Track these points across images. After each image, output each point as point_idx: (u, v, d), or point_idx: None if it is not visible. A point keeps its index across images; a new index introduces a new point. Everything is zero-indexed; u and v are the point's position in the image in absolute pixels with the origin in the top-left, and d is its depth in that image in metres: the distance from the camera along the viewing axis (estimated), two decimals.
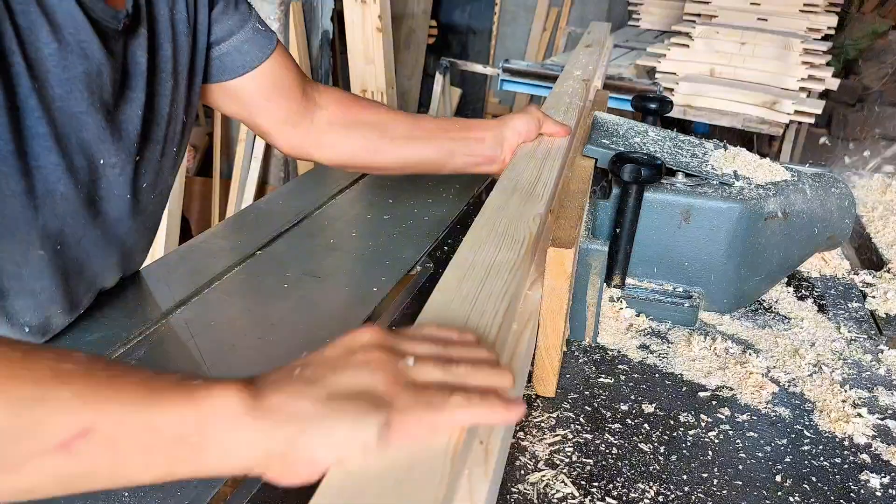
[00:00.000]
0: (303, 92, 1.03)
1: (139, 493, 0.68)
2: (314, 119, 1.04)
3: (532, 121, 1.01)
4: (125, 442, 0.40)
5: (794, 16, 3.17)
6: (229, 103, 1.00)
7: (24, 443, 0.38)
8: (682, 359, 0.93)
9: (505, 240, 0.70)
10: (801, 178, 1.08)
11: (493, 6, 5.56)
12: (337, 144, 1.05)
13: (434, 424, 0.43)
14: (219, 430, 0.41)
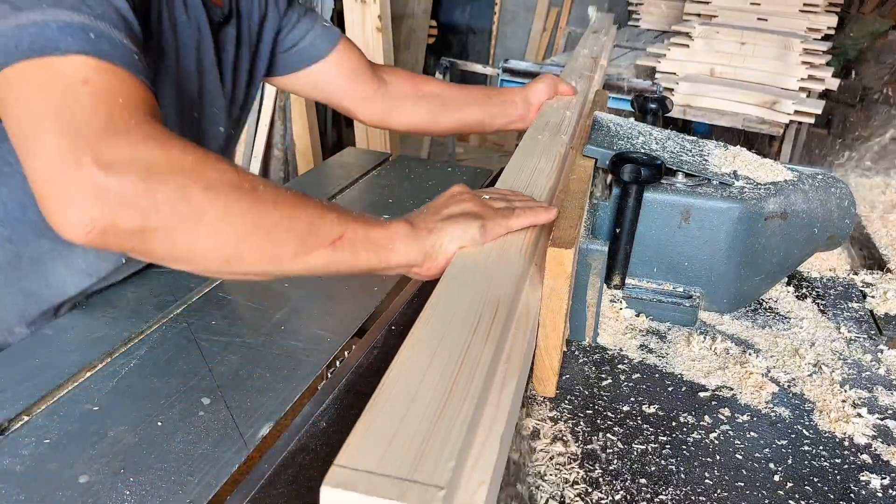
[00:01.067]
0: (373, 74, 1.27)
1: (141, 491, 0.68)
2: (386, 93, 1.28)
3: (550, 83, 1.29)
4: (359, 244, 0.69)
5: (794, 16, 3.17)
6: (313, 89, 1.24)
7: (314, 238, 0.66)
8: (682, 359, 0.93)
9: (543, 154, 1.00)
10: (802, 178, 1.08)
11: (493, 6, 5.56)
12: (407, 114, 1.30)
13: (508, 226, 0.76)
14: (400, 241, 0.71)
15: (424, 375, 0.49)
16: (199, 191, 0.60)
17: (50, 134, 0.59)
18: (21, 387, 0.83)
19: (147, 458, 0.73)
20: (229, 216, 0.62)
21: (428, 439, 0.43)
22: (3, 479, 0.69)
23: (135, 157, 0.59)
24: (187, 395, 0.83)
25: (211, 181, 0.61)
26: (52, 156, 0.58)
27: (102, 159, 0.57)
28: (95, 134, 0.59)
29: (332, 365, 0.91)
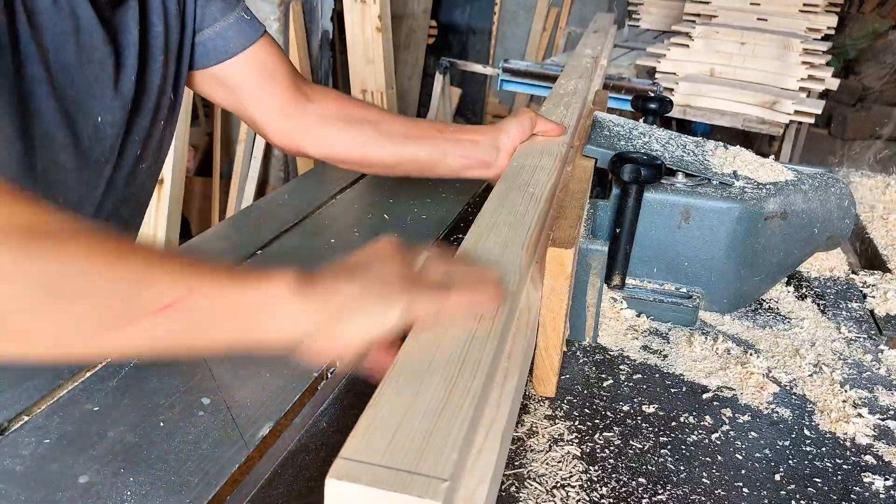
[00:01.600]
0: (294, 85, 1.05)
1: (141, 491, 0.68)
2: (306, 112, 1.05)
3: (525, 122, 1.01)
4: (209, 310, 0.49)
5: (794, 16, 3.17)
6: (219, 91, 1.02)
7: (135, 303, 0.46)
8: (683, 359, 0.93)
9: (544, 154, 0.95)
10: (801, 178, 1.08)
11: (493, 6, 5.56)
12: (329, 138, 1.05)
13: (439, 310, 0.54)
14: (275, 306, 0.50)
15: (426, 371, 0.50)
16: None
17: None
18: (21, 387, 0.83)
19: (147, 458, 0.73)
20: (2, 272, 0.44)
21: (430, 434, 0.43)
22: (3, 479, 0.69)
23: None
24: (187, 395, 0.82)
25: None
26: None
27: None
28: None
29: (332, 365, 0.91)
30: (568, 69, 1.46)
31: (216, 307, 0.49)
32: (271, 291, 0.51)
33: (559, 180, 0.94)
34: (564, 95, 1.23)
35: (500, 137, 1.01)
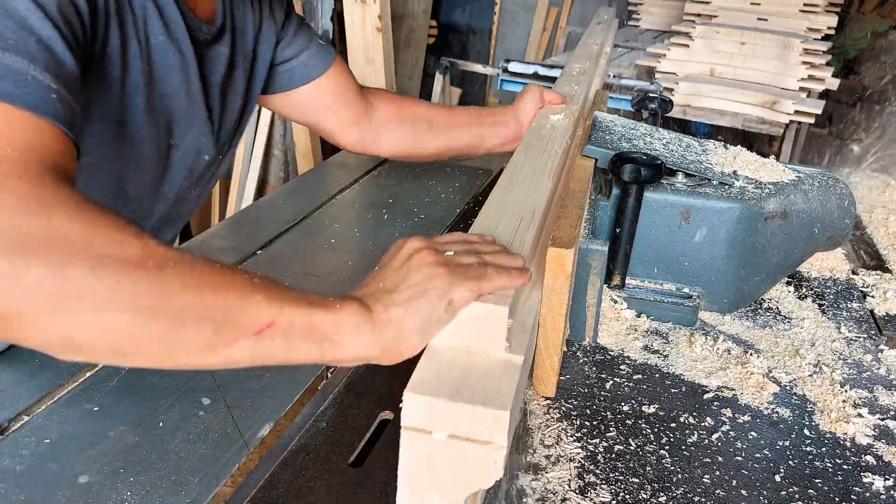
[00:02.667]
0: (361, 96, 1.21)
1: (141, 491, 0.68)
2: (372, 119, 1.22)
3: (536, 96, 1.20)
4: (293, 332, 0.56)
5: (794, 16, 3.17)
6: (299, 111, 1.17)
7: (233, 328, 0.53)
8: (683, 359, 0.93)
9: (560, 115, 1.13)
10: (802, 178, 1.08)
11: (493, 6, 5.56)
12: (393, 139, 1.23)
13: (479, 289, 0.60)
14: (350, 331, 0.58)
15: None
16: (80, 270, 0.49)
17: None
18: (21, 387, 0.83)
19: (147, 458, 0.73)
20: (118, 302, 0.49)
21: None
22: (4, 478, 0.69)
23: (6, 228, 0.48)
24: (187, 395, 0.82)
25: (101, 258, 0.50)
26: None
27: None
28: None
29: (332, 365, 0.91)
30: (576, 54, 1.63)
31: (303, 330, 0.57)
32: (346, 318, 0.58)
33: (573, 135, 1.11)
34: (574, 75, 1.40)
35: (520, 114, 1.21)
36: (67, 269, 0.48)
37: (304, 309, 0.57)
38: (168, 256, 0.53)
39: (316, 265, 1.16)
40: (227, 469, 0.72)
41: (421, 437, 0.57)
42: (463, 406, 0.56)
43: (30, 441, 0.75)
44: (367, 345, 0.59)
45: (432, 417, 0.57)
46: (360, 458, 0.72)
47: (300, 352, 0.57)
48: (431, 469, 0.59)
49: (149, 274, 0.51)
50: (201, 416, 0.79)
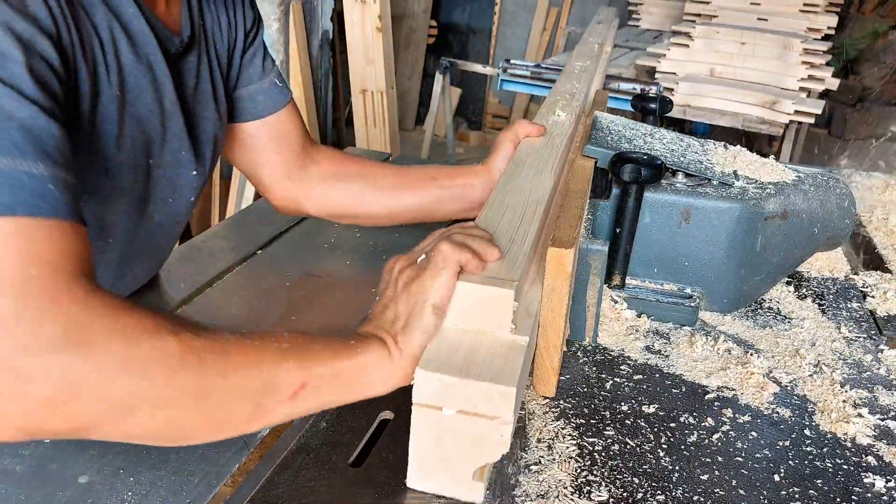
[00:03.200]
0: (303, 148, 1.09)
1: (141, 491, 0.68)
2: (308, 173, 1.10)
3: (509, 147, 1.06)
4: (323, 386, 0.62)
5: (794, 16, 3.17)
6: (234, 146, 1.06)
7: (271, 398, 0.60)
8: (683, 359, 0.93)
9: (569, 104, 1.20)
10: (802, 179, 1.08)
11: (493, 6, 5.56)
12: (328, 196, 1.10)
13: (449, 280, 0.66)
14: (372, 371, 0.65)
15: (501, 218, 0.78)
16: (129, 380, 0.53)
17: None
18: None
19: (147, 458, 0.73)
20: (167, 401, 0.55)
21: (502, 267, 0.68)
22: (4, 478, 0.69)
23: (49, 357, 0.51)
24: None
25: (146, 364, 0.54)
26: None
27: (21, 370, 0.50)
28: (9, 340, 0.50)
29: None
30: (577, 52, 1.66)
31: (332, 382, 0.63)
32: (368, 361, 0.64)
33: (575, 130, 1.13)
34: (576, 73, 1.42)
35: (493, 173, 1.06)
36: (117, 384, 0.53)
37: (330, 363, 0.63)
38: (204, 348, 0.57)
39: (316, 265, 1.16)
40: (227, 469, 0.72)
41: (431, 413, 0.63)
42: (472, 382, 0.60)
43: (30, 441, 0.75)
44: (389, 378, 0.65)
45: (442, 393, 0.62)
46: (360, 458, 0.72)
47: (333, 400, 0.65)
48: (441, 445, 0.64)
49: (190, 371, 0.55)
50: None
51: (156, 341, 0.55)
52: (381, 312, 0.69)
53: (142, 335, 0.54)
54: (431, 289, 0.66)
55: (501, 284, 0.65)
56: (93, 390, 0.52)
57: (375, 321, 0.69)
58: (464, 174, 1.09)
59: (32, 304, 0.51)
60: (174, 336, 0.55)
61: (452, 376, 0.61)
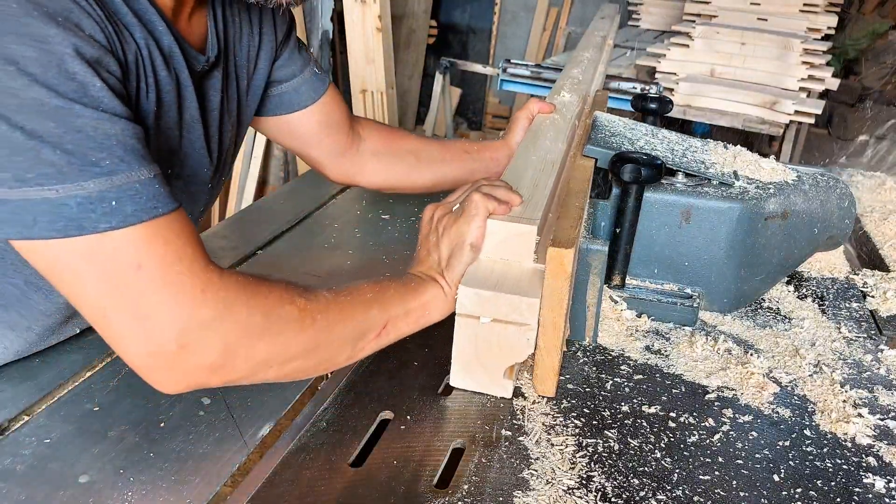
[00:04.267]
0: (350, 127, 1.18)
1: (141, 491, 0.68)
2: (359, 150, 1.19)
3: (524, 116, 1.20)
4: (399, 323, 0.79)
5: (794, 16, 3.17)
6: (286, 136, 1.13)
7: (363, 340, 0.76)
8: (684, 359, 0.93)
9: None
10: (802, 179, 1.08)
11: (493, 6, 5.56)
12: (380, 171, 1.21)
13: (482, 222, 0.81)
14: (433, 307, 0.81)
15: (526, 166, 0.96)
16: (267, 345, 0.68)
17: (130, 338, 0.63)
18: (21, 387, 0.83)
19: (148, 457, 0.73)
20: (292, 355, 0.71)
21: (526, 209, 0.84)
22: (4, 478, 0.69)
23: (208, 333, 0.64)
24: (188, 395, 0.82)
25: (278, 330, 0.69)
26: (134, 358, 0.65)
27: (187, 347, 0.64)
28: (170, 329, 0.63)
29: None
30: (582, 44, 1.80)
31: (405, 319, 0.80)
32: (429, 299, 0.81)
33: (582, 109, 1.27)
34: (581, 61, 1.55)
35: (512, 143, 1.20)
36: (260, 347, 0.68)
37: (402, 304, 0.79)
38: (314, 309, 0.72)
39: (316, 265, 1.16)
40: (227, 469, 0.72)
41: (470, 322, 0.78)
42: (504, 296, 0.76)
43: (30, 441, 0.75)
44: (443, 308, 0.82)
45: (480, 305, 0.77)
46: (360, 458, 0.72)
47: (405, 332, 0.81)
48: (477, 347, 0.79)
49: (307, 331, 0.71)
50: (202, 415, 0.80)
51: (282, 311, 0.69)
52: (426, 256, 0.85)
53: (272, 306, 0.68)
54: (468, 231, 0.81)
55: (526, 222, 0.80)
56: (241, 355, 0.67)
57: (425, 264, 0.84)
58: (489, 148, 1.22)
59: (187, 295, 0.63)
60: (293, 304, 0.70)
61: (489, 290, 0.76)
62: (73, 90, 0.60)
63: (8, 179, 0.58)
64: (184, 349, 0.63)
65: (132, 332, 0.63)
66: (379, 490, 0.68)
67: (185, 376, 0.66)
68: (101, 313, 0.63)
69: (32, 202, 0.59)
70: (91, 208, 0.60)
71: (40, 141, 0.58)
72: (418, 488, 0.68)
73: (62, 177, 0.59)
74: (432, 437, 0.76)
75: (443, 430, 0.77)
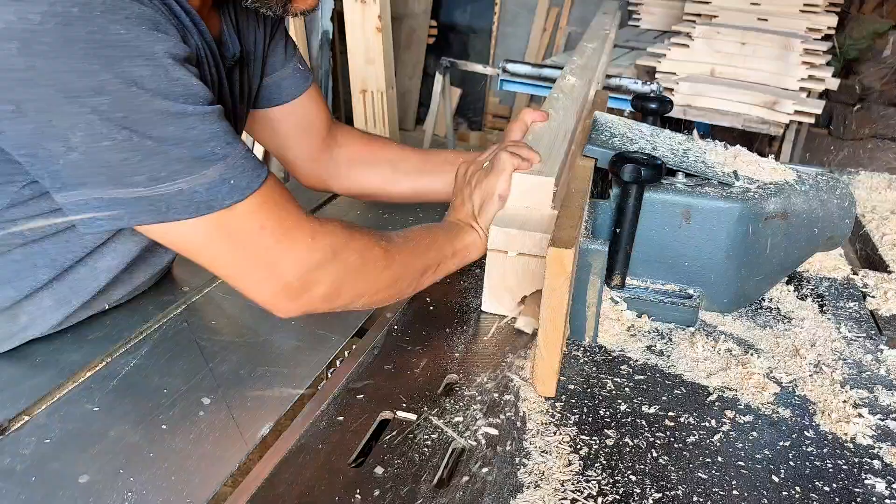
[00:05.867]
0: (327, 131, 1.18)
1: (142, 491, 0.68)
2: (333, 155, 1.19)
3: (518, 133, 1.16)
4: (449, 261, 0.97)
5: (794, 16, 3.17)
6: (265, 131, 1.14)
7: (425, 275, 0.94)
8: (685, 360, 0.93)
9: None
10: (802, 178, 1.08)
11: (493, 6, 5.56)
12: (354, 178, 1.21)
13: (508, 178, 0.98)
14: (473, 248, 0.99)
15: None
16: (363, 280, 0.85)
17: (262, 283, 0.79)
18: (21, 387, 0.83)
19: (147, 457, 0.73)
20: (379, 288, 0.88)
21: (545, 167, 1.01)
22: (4, 478, 0.69)
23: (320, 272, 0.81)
24: (188, 395, 0.83)
25: (370, 268, 0.85)
26: (267, 297, 0.81)
27: (306, 284, 0.80)
28: (293, 272, 0.79)
29: (332, 365, 0.91)
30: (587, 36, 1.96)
31: (454, 258, 0.97)
32: (471, 242, 0.99)
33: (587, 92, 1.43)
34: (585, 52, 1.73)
35: None
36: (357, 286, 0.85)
37: (451, 246, 0.97)
38: (393, 250, 0.88)
39: None
40: (227, 469, 0.72)
41: (500, 256, 0.95)
42: (528, 233, 0.93)
43: (30, 441, 0.75)
44: (480, 249, 0.99)
45: (508, 242, 0.94)
46: (360, 458, 0.72)
47: (451, 270, 0.98)
48: (505, 276, 0.97)
49: (390, 268, 0.88)
50: (202, 415, 0.80)
51: (371, 252, 0.85)
52: (461, 205, 1.02)
53: (364, 249, 0.85)
54: (497, 184, 0.97)
55: (545, 175, 0.97)
56: (345, 289, 0.84)
57: (461, 212, 1.01)
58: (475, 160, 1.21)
59: (302, 243, 0.79)
60: (379, 246, 0.86)
61: (515, 229, 0.93)
62: (180, 94, 0.69)
63: (144, 181, 0.69)
64: (304, 286, 0.80)
65: (264, 279, 0.78)
66: (379, 490, 0.68)
67: (304, 305, 0.82)
68: (235, 270, 0.78)
69: (167, 195, 0.70)
70: (216, 190, 0.72)
71: (167, 144, 0.68)
72: (418, 488, 0.68)
73: (189, 170, 0.70)
74: (432, 437, 0.76)
75: (442, 430, 0.77)
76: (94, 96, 0.65)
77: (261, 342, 0.94)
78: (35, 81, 0.63)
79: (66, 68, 0.63)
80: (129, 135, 0.67)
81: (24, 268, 0.84)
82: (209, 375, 0.86)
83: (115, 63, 0.65)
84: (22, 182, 0.77)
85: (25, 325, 0.88)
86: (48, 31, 0.62)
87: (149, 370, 0.87)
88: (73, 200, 0.70)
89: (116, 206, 0.70)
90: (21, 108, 0.65)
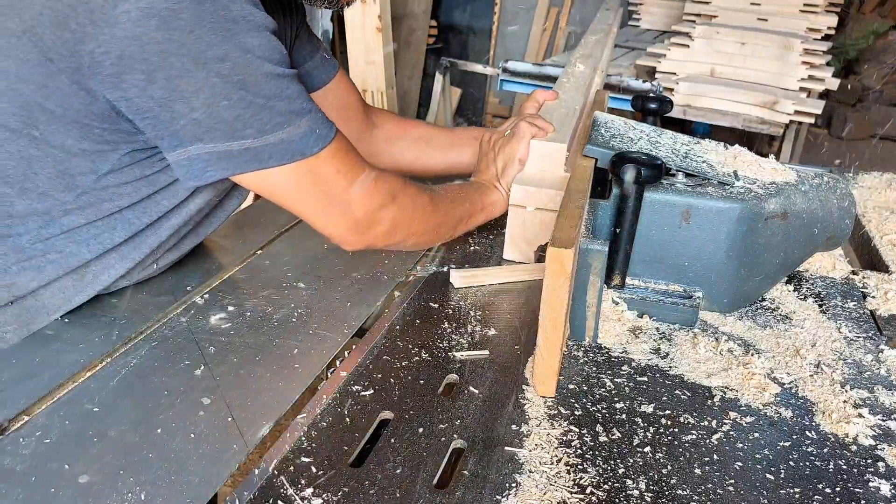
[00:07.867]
0: (363, 113, 1.29)
1: (142, 491, 0.68)
2: (373, 136, 1.31)
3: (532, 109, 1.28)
4: (480, 214, 1.14)
5: (794, 16, 3.17)
6: None
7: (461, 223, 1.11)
8: (686, 360, 0.93)
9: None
10: (802, 179, 1.08)
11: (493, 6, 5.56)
12: (394, 155, 1.33)
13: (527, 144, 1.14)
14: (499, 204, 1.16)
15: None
16: (416, 222, 1.01)
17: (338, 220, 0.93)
18: (21, 387, 0.83)
19: (147, 457, 0.73)
20: (425, 231, 1.04)
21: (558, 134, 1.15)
22: (3, 478, 0.69)
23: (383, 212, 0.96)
24: (187, 395, 0.82)
25: (420, 213, 1.01)
26: (340, 232, 0.95)
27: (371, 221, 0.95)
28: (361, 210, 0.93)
29: (332, 365, 0.91)
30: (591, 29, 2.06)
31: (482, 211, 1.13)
32: (495, 199, 1.15)
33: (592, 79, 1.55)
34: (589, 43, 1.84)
35: None
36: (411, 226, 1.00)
37: (480, 201, 1.13)
38: (437, 199, 1.05)
39: (316, 265, 1.16)
40: (227, 469, 0.72)
41: (520, 210, 1.11)
42: (544, 190, 1.09)
43: (30, 441, 0.75)
44: (502, 207, 1.15)
45: (526, 198, 1.10)
46: (360, 458, 0.72)
47: (479, 223, 1.14)
48: (524, 228, 1.13)
49: (436, 214, 1.05)
50: (201, 415, 0.79)
51: (420, 198, 1.02)
52: (486, 168, 1.18)
53: (416, 195, 1.01)
54: (517, 149, 1.14)
55: (558, 141, 1.12)
56: (401, 228, 0.99)
57: (485, 175, 1.17)
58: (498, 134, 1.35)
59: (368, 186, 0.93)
60: (426, 194, 1.03)
61: (533, 186, 1.09)
62: (279, 59, 0.82)
63: (253, 133, 0.81)
64: (369, 224, 0.94)
65: (339, 216, 0.92)
66: (379, 490, 0.68)
67: (368, 240, 0.96)
68: (315, 209, 0.91)
69: (270, 144, 0.82)
70: (307, 139, 0.85)
71: (273, 99, 0.81)
72: (418, 488, 0.68)
73: (289, 121, 0.83)
74: (432, 437, 0.76)
75: (443, 430, 0.77)
76: (219, 63, 0.76)
77: (261, 342, 0.94)
78: (170, 52, 0.74)
79: (198, 41, 0.74)
80: (244, 94, 0.79)
81: (104, 231, 0.92)
82: (209, 375, 0.86)
83: (236, 35, 0.77)
84: (126, 150, 0.86)
85: (90, 281, 0.96)
86: (185, 9, 0.73)
87: (149, 370, 0.87)
88: (188, 156, 0.81)
89: (227, 158, 0.81)
90: (151, 77, 0.75)
